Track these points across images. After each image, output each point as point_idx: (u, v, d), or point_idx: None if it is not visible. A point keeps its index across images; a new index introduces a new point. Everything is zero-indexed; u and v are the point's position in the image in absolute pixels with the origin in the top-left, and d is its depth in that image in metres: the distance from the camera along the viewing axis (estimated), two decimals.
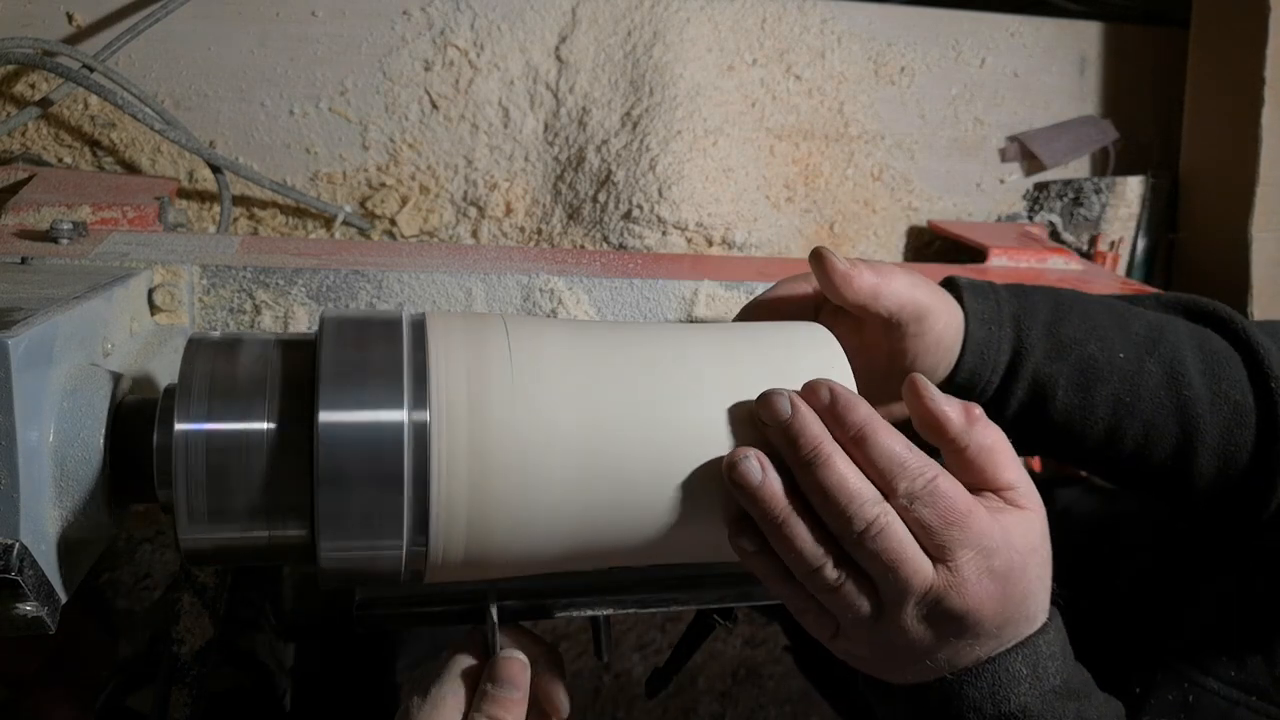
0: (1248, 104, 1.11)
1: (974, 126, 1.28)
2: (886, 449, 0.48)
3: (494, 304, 0.82)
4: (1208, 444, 0.64)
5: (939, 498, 0.48)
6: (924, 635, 0.50)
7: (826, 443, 0.48)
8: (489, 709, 0.56)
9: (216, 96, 1.07)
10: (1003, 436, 0.52)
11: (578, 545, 0.51)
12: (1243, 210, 1.11)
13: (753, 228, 1.12)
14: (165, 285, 0.73)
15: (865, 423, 0.49)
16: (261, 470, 0.48)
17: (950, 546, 0.48)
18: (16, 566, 0.45)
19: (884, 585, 0.49)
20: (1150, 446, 0.65)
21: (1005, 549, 0.49)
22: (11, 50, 0.95)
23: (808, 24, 1.21)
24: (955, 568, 0.48)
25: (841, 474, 0.48)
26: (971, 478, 0.51)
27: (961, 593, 0.48)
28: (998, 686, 0.51)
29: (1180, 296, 0.73)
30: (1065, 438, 0.66)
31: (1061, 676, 0.53)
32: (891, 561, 0.47)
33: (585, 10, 1.14)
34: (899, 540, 0.47)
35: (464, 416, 0.48)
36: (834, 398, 0.49)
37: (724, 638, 1.41)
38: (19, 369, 0.46)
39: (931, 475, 0.48)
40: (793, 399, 0.49)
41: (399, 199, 1.12)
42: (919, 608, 0.49)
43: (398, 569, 0.49)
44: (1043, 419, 0.66)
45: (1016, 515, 0.51)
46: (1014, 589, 0.50)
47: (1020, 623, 0.51)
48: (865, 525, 0.47)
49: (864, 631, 0.51)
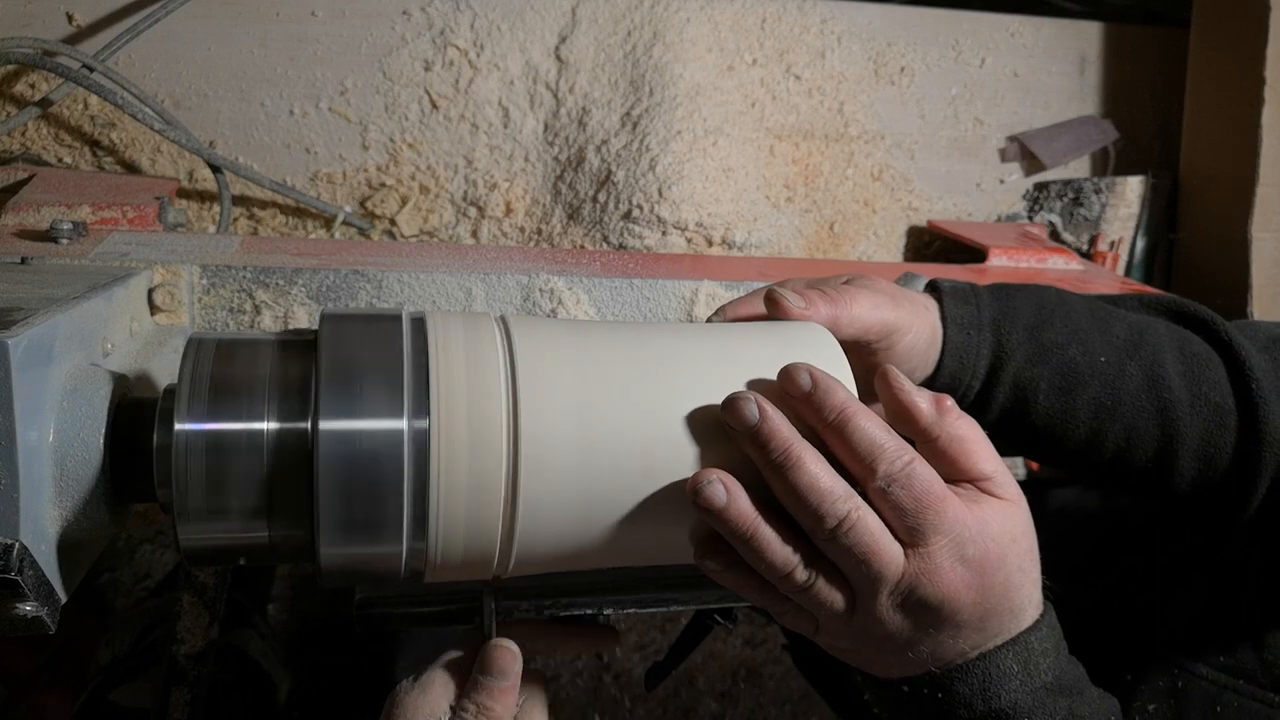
0: (1248, 104, 1.11)
1: (974, 126, 1.28)
2: (866, 432, 0.48)
3: (494, 304, 0.82)
4: (1188, 446, 0.65)
5: (915, 480, 0.48)
6: (901, 625, 0.50)
7: (796, 444, 0.48)
8: (477, 696, 0.56)
9: (216, 96, 1.07)
10: (976, 427, 0.52)
11: (577, 545, 0.51)
12: (1243, 210, 1.11)
13: (753, 228, 1.12)
14: (165, 285, 0.73)
15: (844, 407, 0.49)
16: (261, 470, 0.48)
17: (924, 530, 0.48)
18: (16, 566, 0.45)
19: (856, 578, 0.49)
20: (1131, 449, 0.65)
21: (980, 538, 0.49)
22: (11, 50, 0.95)
23: (808, 24, 1.21)
24: (927, 554, 0.48)
25: (812, 474, 0.48)
26: (946, 468, 0.51)
27: (935, 580, 0.49)
28: (988, 683, 0.51)
29: (1162, 297, 0.73)
30: (1047, 441, 0.66)
31: (1054, 673, 0.53)
32: (863, 555, 0.48)
33: (585, 10, 1.14)
34: (870, 533, 0.48)
35: (463, 417, 0.48)
36: (814, 383, 0.49)
37: (724, 638, 1.41)
38: (19, 369, 0.46)
39: (909, 459, 0.48)
40: (759, 403, 0.49)
41: (399, 199, 1.12)
42: (893, 597, 0.49)
43: (397, 569, 0.49)
44: (1025, 423, 0.66)
45: (994, 505, 0.51)
46: (992, 578, 0.50)
47: (1004, 615, 0.51)
48: (837, 522, 0.47)
49: (842, 626, 0.51)
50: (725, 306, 0.61)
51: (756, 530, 0.48)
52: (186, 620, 0.82)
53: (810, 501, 0.48)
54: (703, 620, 0.68)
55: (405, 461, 0.47)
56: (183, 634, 0.82)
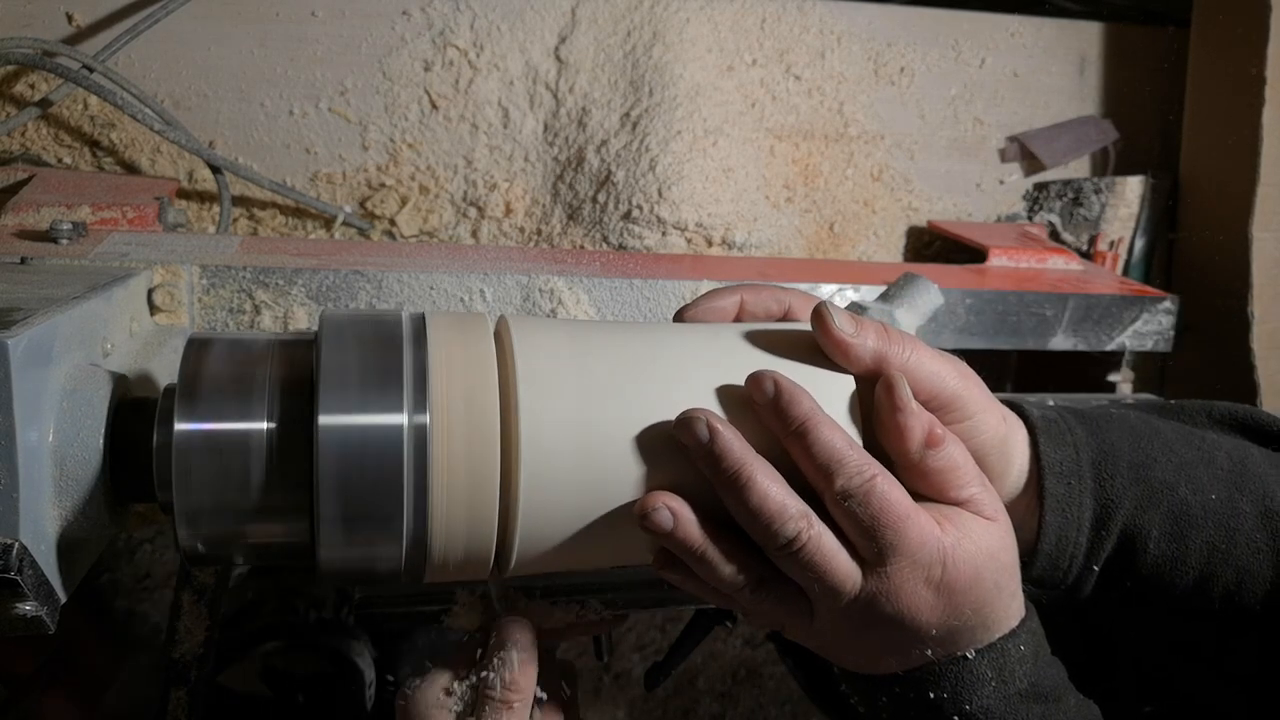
0: (1248, 104, 1.11)
1: (974, 126, 1.28)
2: (827, 444, 0.48)
3: (494, 304, 0.82)
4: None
5: (875, 498, 0.47)
6: (861, 635, 0.50)
7: (748, 464, 0.47)
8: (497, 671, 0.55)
9: (216, 96, 1.07)
10: (962, 450, 0.51)
11: (576, 545, 0.51)
12: (1243, 210, 1.11)
13: (752, 228, 1.12)
14: (165, 285, 0.73)
15: (808, 417, 0.48)
16: (261, 470, 0.48)
17: (882, 550, 0.48)
18: (16, 566, 0.45)
19: (811, 593, 0.49)
20: (1242, 592, 0.60)
21: (952, 560, 0.49)
22: (11, 50, 0.95)
23: (807, 24, 1.21)
24: (886, 574, 0.48)
25: (763, 493, 0.47)
26: (927, 491, 0.51)
27: (894, 600, 0.48)
28: (960, 687, 0.51)
29: (1234, 410, 0.66)
30: (1151, 590, 0.60)
31: (1030, 679, 0.52)
32: (816, 573, 0.48)
33: (585, 10, 1.14)
34: (822, 552, 0.47)
35: (463, 417, 0.48)
36: (778, 390, 0.49)
37: (724, 638, 1.41)
38: (19, 369, 0.46)
39: (870, 475, 0.47)
40: (710, 422, 0.48)
41: (399, 199, 1.12)
42: (850, 611, 0.49)
43: (397, 569, 0.49)
44: (1129, 572, 0.60)
45: (972, 523, 0.50)
46: (962, 599, 0.49)
47: (976, 629, 0.51)
48: (787, 541, 0.47)
49: (804, 632, 0.52)
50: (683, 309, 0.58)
51: (704, 552, 0.48)
52: (187, 620, 0.82)
53: (760, 520, 0.47)
54: (703, 620, 0.68)
55: (405, 457, 0.47)
56: (182, 634, 0.82)
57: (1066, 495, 0.58)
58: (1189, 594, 0.60)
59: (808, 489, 0.49)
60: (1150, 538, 0.58)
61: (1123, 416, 0.63)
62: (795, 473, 0.49)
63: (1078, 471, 0.58)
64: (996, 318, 0.99)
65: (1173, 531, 0.58)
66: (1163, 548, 0.59)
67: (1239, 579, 0.59)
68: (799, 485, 0.49)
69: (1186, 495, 0.59)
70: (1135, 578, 0.60)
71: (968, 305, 0.97)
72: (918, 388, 0.51)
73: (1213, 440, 0.62)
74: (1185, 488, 0.59)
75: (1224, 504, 0.59)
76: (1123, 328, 1.03)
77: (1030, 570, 0.58)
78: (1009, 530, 0.52)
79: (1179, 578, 0.59)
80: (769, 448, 0.49)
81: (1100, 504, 0.58)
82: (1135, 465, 0.59)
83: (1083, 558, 0.59)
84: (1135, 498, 0.58)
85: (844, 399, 0.51)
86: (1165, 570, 0.59)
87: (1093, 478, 0.58)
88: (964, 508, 0.51)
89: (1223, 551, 0.59)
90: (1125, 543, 0.59)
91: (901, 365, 0.51)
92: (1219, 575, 0.59)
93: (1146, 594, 0.61)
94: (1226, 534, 0.59)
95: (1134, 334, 1.03)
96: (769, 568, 0.49)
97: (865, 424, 0.51)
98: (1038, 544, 0.58)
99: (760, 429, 0.50)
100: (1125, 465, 0.59)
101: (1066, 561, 0.58)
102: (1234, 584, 0.59)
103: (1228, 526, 0.59)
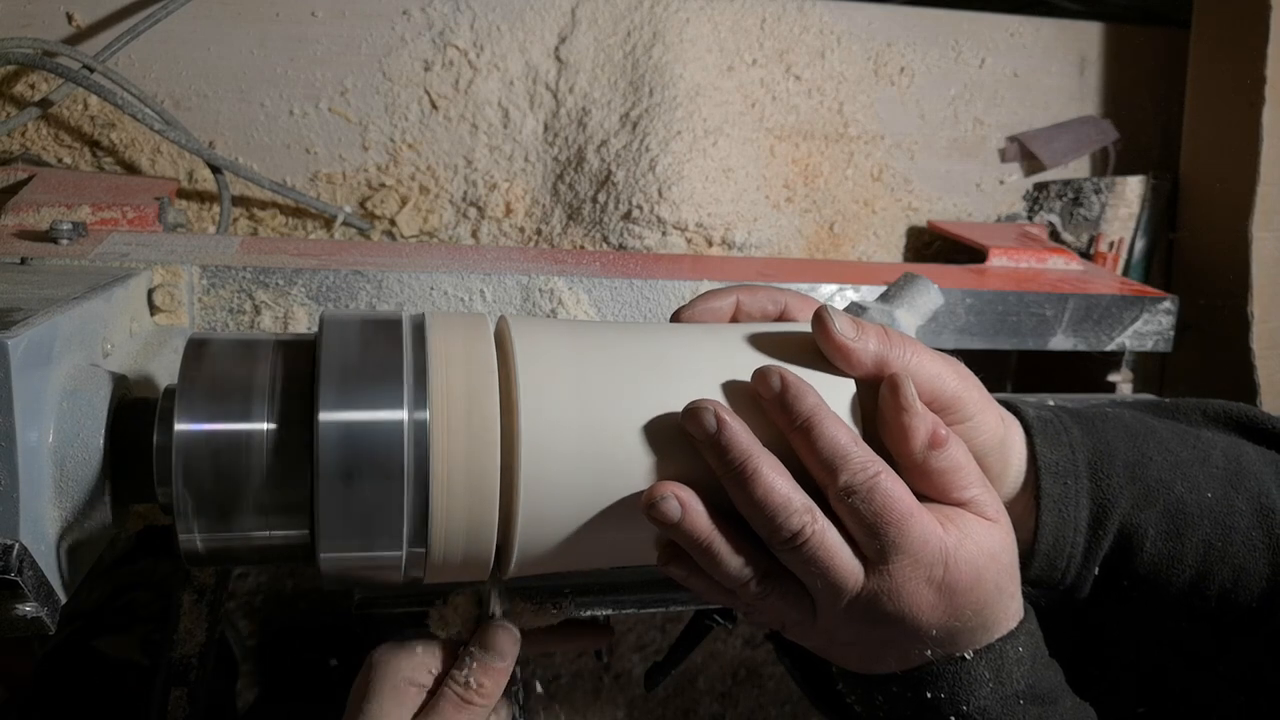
0: (1248, 104, 1.11)
1: (974, 127, 1.28)
2: (832, 439, 0.48)
3: (494, 304, 0.82)
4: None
5: (878, 494, 0.47)
6: (862, 634, 0.50)
7: (754, 455, 0.47)
8: (471, 671, 0.55)
9: (216, 97, 1.07)
10: (965, 452, 0.51)
11: (578, 544, 0.51)
12: (1243, 210, 1.11)
13: (752, 228, 1.12)
14: (165, 285, 0.73)
15: (813, 411, 0.48)
16: (261, 470, 0.48)
17: (885, 548, 0.48)
18: (16, 567, 0.45)
19: (814, 589, 0.49)
20: (1238, 590, 0.60)
21: (954, 560, 0.49)
22: (11, 50, 0.95)
23: (807, 24, 1.21)
24: (888, 573, 0.48)
25: (768, 485, 0.47)
26: (929, 491, 0.51)
27: (895, 598, 0.48)
28: (957, 687, 0.51)
29: (1229, 408, 0.66)
30: (1149, 588, 0.60)
31: (1028, 681, 0.52)
32: (819, 569, 0.48)
33: (585, 10, 1.14)
34: (826, 548, 0.47)
35: (464, 417, 0.48)
36: (784, 385, 0.49)
37: (724, 638, 1.41)
38: (19, 369, 0.46)
39: (874, 472, 0.47)
40: (718, 413, 0.48)
41: (399, 199, 1.12)
42: (852, 609, 0.49)
43: (398, 569, 0.49)
44: (1126, 571, 0.60)
45: (974, 524, 0.50)
46: (963, 599, 0.49)
47: (977, 631, 0.51)
48: (791, 535, 0.47)
49: (805, 630, 0.52)
50: (679, 310, 0.58)
51: (711, 543, 0.48)
52: (187, 621, 0.82)
53: (765, 513, 0.47)
54: (702, 620, 0.68)
55: (406, 459, 0.47)
56: (182, 634, 0.82)
57: (1063, 495, 0.58)
58: (1185, 592, 0.60)
59: (812, 487, 0.49)
60: (1147, 536, 0.59)
61: (1118, 415, 0.63)
62: (800, 471, 0.49)
63: (1074, 471, 0.58)
64: (996, 318, 0.99)
65: (1169, 530, 0.59)
66: (1159, 546, 0.59)
67: (1235, 576, 0.60)
68: (804, 484, 0.49)
69: (1182, 493, 0.59)
70: (1132, 577, 0.60)
71: (968, 305, 0.97)
72: (919, 389, 0.51)
73: (1208, 438, 0.62)
74: (1181, 486, 0.59)
75: (1220, 502, 0.59)
76: (1123, 328, 1.03)
77: (1028, 570, 0.58)
78: (1009, 532, 0.52)
79: (1176, 576, 0.59)
80: (774, 445, 0.49)
81: (1097, 503, 0.58)
82: (1131, 464, 0.59)
83: (1080, 557, 0.59)
84: (1131, 496, 0.59)
85: (845, 402, 0.51)
86: (1162, 568, 0.59)
87: (1089, 477, 0.59)
88: (966, 509, 0.51)
89: (1219, 549, 0.59)
90: (1122, 541, 0.59)
91: (902, 368, 0.52)
92: (1215, 573, 0.59)
93: (1143, 593, 0.61)
94: (1222, 532, 0.59)
95: (1134, 334, 1.03)
96: (773, 563, 0.49)
97: (866, 428, 0.51)
98: (1035, 544, 0.58)
99: (765, 425, 0.50)
100: (1121, 464, 0.59)
101: (1064, 561, 0.58)
102: (1230, 582, 0.60)
103: (1224, 524, 0.59)
